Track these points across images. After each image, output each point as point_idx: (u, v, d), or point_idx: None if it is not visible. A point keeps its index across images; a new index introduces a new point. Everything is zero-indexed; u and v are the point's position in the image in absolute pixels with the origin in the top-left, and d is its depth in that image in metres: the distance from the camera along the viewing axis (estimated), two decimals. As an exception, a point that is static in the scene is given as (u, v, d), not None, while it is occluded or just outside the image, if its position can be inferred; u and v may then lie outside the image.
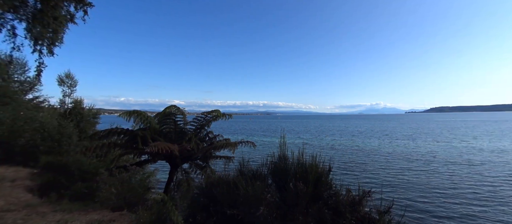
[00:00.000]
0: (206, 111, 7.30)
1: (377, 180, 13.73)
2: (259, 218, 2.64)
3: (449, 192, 11.21)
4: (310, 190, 2.72)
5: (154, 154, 5.55)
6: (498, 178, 13.25)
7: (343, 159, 20.46)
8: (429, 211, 9.23)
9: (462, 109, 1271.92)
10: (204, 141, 7.42)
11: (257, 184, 2.80)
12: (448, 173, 14.84)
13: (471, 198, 10.25)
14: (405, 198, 10.70)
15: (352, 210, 2.55)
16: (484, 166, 16.52)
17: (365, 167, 17.09)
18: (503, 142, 29.70)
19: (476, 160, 18.72)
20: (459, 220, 8.48)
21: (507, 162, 17.70)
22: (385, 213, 2.51)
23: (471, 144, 28.14)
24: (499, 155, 20.84)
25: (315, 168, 3.19)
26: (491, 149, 24.16)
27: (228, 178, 3.70)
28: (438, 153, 22.52)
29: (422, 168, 16.51)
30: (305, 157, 3.43)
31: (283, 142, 3.61)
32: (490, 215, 8.59)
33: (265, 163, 3.72)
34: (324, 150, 24.58)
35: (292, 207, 2.89)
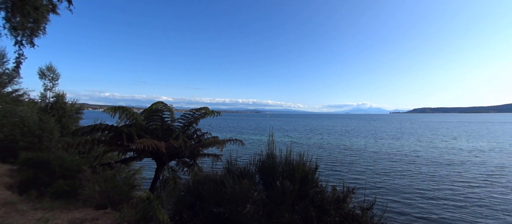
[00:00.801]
0: (194, 108, 7.21)
1: (361, 178, 14.12)
2: (245, 216, 2.65)
3: (430, 191, 11.71)
4: (296, 188, 2.76)
5: (140, 151, 5.43)
6: (476, 178, 13.96)
7: (330, 157, 20.87)
8: (410, 209, 9.62)
9: (442, 110, 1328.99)
10: (192, 139, 7.34)
11: (244, 182, 2.81)
12: (430, 172, 15.48)
13: (450, 197, 10.75)
14: (387, 195, 11.09)
15: (336, 207, 2.62)
16: (463, 166, 17.36)
17: (351, 166, 17.52)
18: (480, 142, 31.33)
19: (456, 159, 19.64)
20: (438, 218, 8.90)
21: (484, 162, 18.69)
22: (368, 209, 2.60)
23: (451, 144, 29.49)
24: (476, 155, 21.96)
25: (302, 166, 3.25)
26: (470, 149, 25.43)
27: (215, 176, 3.69)
28: (420, 152, 23.44)
29: (405, 167, 17.14)
30: (293, 156, 3.49)
31: (271, 140, 3.65)
32: (468, 213, 9.05)
33: (253, 161, 3.74)
34: (311, 149, 24.97)
35: (278, 204, 2.93)
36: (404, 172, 15.39)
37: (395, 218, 8.74)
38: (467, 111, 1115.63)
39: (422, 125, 78.08)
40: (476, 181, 13.23)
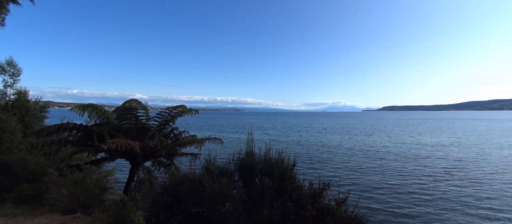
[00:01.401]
0: (171, 106, 7.00)
1: (337, 174, 14.76)
2: (224, 215, 2.65)
3: (399, 184, 12.59)
4: (275, 185, 2.81)
5: (112, 152, 5.15)
6: (439, 171, 15.26)
7: (308, 154, 21.50)
8: (381, 201, 10.29)
9: (409, 108, 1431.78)
10: (169, 138, 7.12)
11: (224, 180, 2.80)
12: (399, 167, 16.63)
13: (418, 191, 11.63)
14: (361, 189, 11.74)
15: (313, 202, 2.72)
16: (428, 159, 18.89)
17: (328, 162, 18.23)
18: (442, 137, 34.30)
19: (421, 154, 21.31)
20: (406, 208, 9.60)
21: (446, 155, 20.53)
22: (342, 203, 2.73)
23: (417, 140, 31.91)
24: (439, 149, 24.02)
25: (281, 163, 3.31)
26: (433, 144, 27.74)
27: (193, 176, 3.62)
28: (390, 148, 25.05)
29: (376, 162, 18.22)
30: (272, 153, 3.54)
31: (250, 138, 3.66)
32: (433, 205, 9.87)
33: (232, 160, 3.73)
34: (290, 146, 25.53)
35: (257, 201, 2.96)
36: (376, 167, 16.34)
37: (367, 210, 9.27)
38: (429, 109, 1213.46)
39: (391, 122, 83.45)
40: (439, 174, 14.46)
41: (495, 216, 8.73)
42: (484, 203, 9.84)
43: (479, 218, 8.59)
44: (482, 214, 8.86)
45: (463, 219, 8.55)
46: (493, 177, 13.83)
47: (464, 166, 16.50)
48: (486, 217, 8.68)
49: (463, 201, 10.14)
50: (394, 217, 8.81)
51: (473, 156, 20.15)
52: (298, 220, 2.61)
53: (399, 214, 9.04)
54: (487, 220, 8.49)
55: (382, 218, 8.72)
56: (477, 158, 19.33)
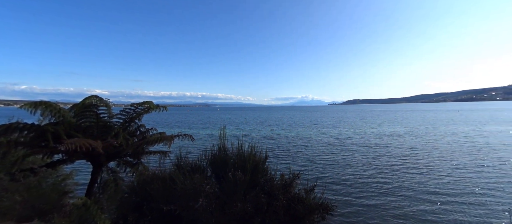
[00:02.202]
0: (136, 103, 6.62)
1: (306, 164, 15.51)
2: (198, 211, 2.65)
3: (362, 172, 13.70)
4: (248, 178, 2.89)
5: (71, 153, 4.72)
6: (396, 159, 16.88)
7: (279, 147, 22.14)
8: (345, 187, 11.13)
9: (369, 101, 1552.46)
10: (135, 136, 6.75)
11: (196, 176, 2.79)
12: (362, 155, 18.06)
13: (378, 178, 12.73)
14: (328, 177, 12.55)
15: (284, 192, 2.86)
16: (386, 149, 20.78)
17: (298, 154, 19.01)
18: (397, 128, 37.96)
19: (381, 144, 23.36)
20: (367, 193, 10.53)
21: (402, 144, 22.81)
22: (310, 191, 2.92)
23: (376, 130, 34.86)
24: (395, 139, 26.57)
25: (253, 157, 3.39)
26: (390, 134, 30.57)
27: (164, 174, 3.53)
28: (353, 138, 27.00)
29: (342, 152, 19.54)
30: (244, 148, 3.61)
31: (223, 134, 3.68)
32: (391, 191, 10.91)
33: (205, 156, 3.71)
34: (262, 140, 25.98)
35: (231, 196, 3.01)
36: (341, 157, 17.52)
37: (333, 196, 9.95)
38: (386, 101, 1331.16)
39: (354, 114, 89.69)
40: (396, 162, 16.01)
41: (442, 198, 10.03)
42: (433, 187, 11.20)
43: (429, 201, 9.77)
44: (432, 197, 10.09)
45: (416, 201, 9.66)
46: (440, 162, 15.78)
47: (416, 153, 18.54)
48: (434, 199, 9.92)
49: (415, 185, 11.41)
50: (357, 202, 9.60)
51: (424, 144, 22.73)
52: (270, 211, 2.73)
53: (362, 197, 9.88)
54: (436, 201, 9.72)
55: (345, 202, 9.44)
56: (427, 145, 21.85)
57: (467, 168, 13.93)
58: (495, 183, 11.46)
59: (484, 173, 13.03)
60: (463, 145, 21.60)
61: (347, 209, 8.96)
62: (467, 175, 12.75)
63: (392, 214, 8.51)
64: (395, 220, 8.16)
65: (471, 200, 9.53)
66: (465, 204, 9.23)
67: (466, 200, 9.52)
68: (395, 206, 9.15)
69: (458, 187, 10.91)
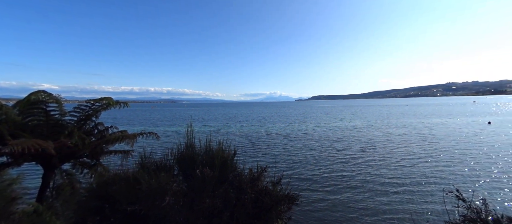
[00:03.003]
0: (93, 99, 6.09)
1: (275, 158, 15.98)
2: (164, 209, 2.58)
3: (327, 164, 14.61)
4: (216, 174, 2.90)
5: (16, 155, 4.17)
6: (357, 150, 18.32)
7: (249, 143, 22.34)
8: (311, 178, 11.76)
9: (332, 97, 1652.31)
10: (92, 135, 6.22)
11: (162, 175, 2.71)
12: (327, 148, 19.24)
13: (341, 168, 13.71)
14: (295, 169, 13.12)
15: (252, 186, 2.93)
16: (349, 141, 22.41)
17: (267, 149, 19.45)
18: (357, 122, 41.12)
19: (344, 136, 25.12)
20: (331, 183, 11.27)
21: (362, 136, 24.79)
22: (277, 183, 3.05)
23: (339, 124, 37.37)
24: (356, 132, 28.76)
25: (222, 153, 3.40)
26: (351, 127, 33.00)
27: (127, 174, 3.35)
28: (319, 133, 28.51)
29: (308, 145, 20.54)
30: (213, 144, 3.59)
31: (190, 130, 3.60)
32: (353, 180, 11.81)
33: (171, 154, 3.60)
34: (231, 137, 25.92)
35: (199, 192, 2.99)
36: (308, 151, 18.39)
37: (299, 187, 10.47)
38: (347, 97, 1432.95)
39: (319, 110, 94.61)
40: (357, 153, 17.36)
41: (398, 187, 11.21)
42: (389, 176, 12.43)
43: (386, 190, 10.84)
44: (388, 187, 11.20)
45: (375, 190, 10.63)
46: (395, 152, 17.57)
47: (375, 145, 20.35)
48: (391, 188, 11.03)
49: (374, 175, 12.52)
50: (322, 192, 10.23)
51: (381, 136, 25.04)
52: (239, 204, 2.79)
53: (326, 187, 10.56)
54: (392, 189, 10.81)
55: (311, 193, 10.00)
56: (383, 137, 24.11)
57: (416, 157, 15.75)
58: (439, 169, 13.22)
59: (430, 160, 14.91)
60: (413, 136, 24.35)
61: (313, 199, 9.51)
62: (416, 163, 14.42)
63: (354, 203, 9.27)
64: (357, 208, 8.91)
65: (420, 186, 10.85)
66: (415, 191, 10.47)
67: (416, 188, 10.75)
68: (357, 195, 9.95)
69: (410, 175, 12.25)
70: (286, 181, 3.36)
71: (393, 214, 8.26)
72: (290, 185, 3.28)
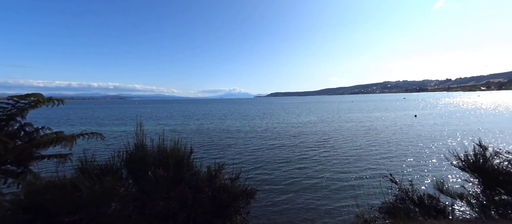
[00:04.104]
0: (17, 95, 5.15)
1: (236, 156, 16.01)
2: (111, 216, 2.34)
3: (284, 157, 15.28)
4: (170, 175, 2.75)
5: None
6: (313, 144, 19.53)
7: (210, 141, 21.84)
8: (269, 173, 12.15)
9: (288, 94, 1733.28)
10: (18, 138, 5.27)
11: (107, 179, 2.44)
12: (286, 142, 20.09)
13: (298, 162, 14.45)
14: (255, 164, 13.38)
15: (209, 184, 2.88)
16: (305, 136, 23.74)
17: (229, 146, 19.34)
18: (312, 117, 43.97)
19: (301, 131, 26.55)
20: (287, 177, 11.81)
21: (318, 131, 26.56)
22: (235, 179, 3.05)
23: (297, 120, 39.46)
24: (312, 126, 30.67)
25: (177, 152, 3.24)
26: (307, 122, 35.13)
27: (63, 181, 2.93)
28: (278, 128, 29.56)
29: (269, 141, 21.11)
30: (167, 143, 3.39)
31: (140, 129, 3.33)
32: (309, 173, 12.53)
33: (118, 156, 3.28)
34: (190, 135, 24.98)
35: (152, 195, 2.80)
36: (268, 147, 18.90)
37: (258, 182, 10.72)
38: (301, 94, 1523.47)
39: (277, 106, 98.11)
40: (314, 146, 18.53)
41: (347, 172, 12.35)
42: (340, 165, 13.62)
43: (340, 179, 11.83)
44: (338, 172, 12.27)
45: (328, 178, 11.54)
46: (344, 144, 19.31)
47: (328, 139, 22.05)
48: (340, 173, 12.10)
49: (330, 166, 13.55)
50: (280, 184, 10.67)
51: (333, 130, 27.25)
52: (195, 204, 2.71)
53: (284, 179, 11.05)
54: (342, 174, 11.88)
55: (270, 186, 10.35)
56: (335, 131, 26.32)
57: (362, 148, 17.62)
58: (380, 157, 15.04)
59: (373, 150, 16.85)
60: (359, 129, 27.17)
61: (272, 192, 9.85)
62: (362, 153, 16.14)
63: (309, 194, 9.90)
64: (312, 198, 9.53)
65: (365, 174, 12.17)
66: (361, 178, 11.70)
67: (362, 175, 12.02)
68: (313, 186, 10.63)
69: (357, 164, 13.64)
70: (246, 177, 3.39)
71: (342, 201, 9.12)
72: (251, 180, 3.33)
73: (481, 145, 4.56)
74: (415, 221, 3.66)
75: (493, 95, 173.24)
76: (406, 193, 4.34)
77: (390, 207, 4.14)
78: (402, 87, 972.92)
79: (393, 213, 4.02)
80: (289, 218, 7.83)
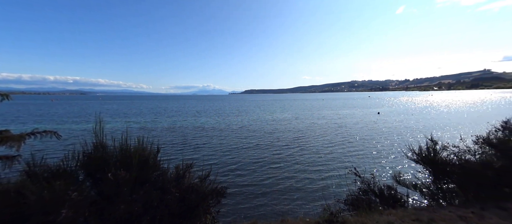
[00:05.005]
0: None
1: (209, 153, 15.72)
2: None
3: (259, 155, 15.39)
4: (133, 176, 2.58)
5: None
6: (289, 141, 19.89)
7: (183, 139, 21.02)
8: (240, 170, 12.14)
9: (263, 91, 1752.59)
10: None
11: (57, 184, 2.20)
12: (261, 139, 20.24)
13: (271, 159, 14.64)
14: (229, 164, 13.25)
15: (177, 184, 2.76)
16: (279, 133, 24.14)
17: (202, 144, 18.87)
18: (286, 114, 44.94)
19: (276, 128, 26.96)
20: (262, 173, 11.92)
21: (292, 128, 27.19)
22: (205, 179, 2.97)
23: (272, 117, 40.11)
24: (286, 123, 31.30)
25: (142, 151, 3.06)
26: (282, 119, 35.84)
27: (7, 186, 2.58)
28: (253, 125, 29.68)
29: (245, 139, 21.08)
30: (131, 142, 3.18)
31: (99, 127, 3.07)
32: (283, 170, 12.74)
33: (74, 157, 2.99)
34: (162, 133, 23.87)
35: (113, 198, 2.60)
36: (244, 144, 18.85)
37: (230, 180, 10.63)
38: (276, 92, 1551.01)
39: (252, 103, 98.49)
40: (289, 143, 18.85)
41: (319, 167, 12.83)
42: (312, 161, 14.09)
43: (309, 170, 12.26)
44: (310, 168, 12.69)
45: (301, 173, 11.87)
46: (318, 140, 20.05)
47: (302, 134, 22.75)
48: (312, 169, 12.53)
49: (301, 162, 13.95)
50: (255, 181, 10.72)
51: (306, 126, 28.19)
52: (161, 206, 2.58)
53: (258, 175, 11.13)
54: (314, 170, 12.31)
55: (243, 184, 10.34)
56: (309, 127, 27.24)
57: (334, 144, 18.44)
58: (348, 152, 15.91)
59: (342, 146, 17.76)
60: (330, 126, 28.44)
61: (245, 189, 9.85)
62: (333, 148, 16.92)
63: (281, 189, 10.09)
64: (285, 193, 9.74)
65: (334, 167, 12.78)
66: (331, 172, 12.25)
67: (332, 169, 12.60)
68: (286, 182, 10.84)
69: (328, 159, 14.26)
70: (221, 175, 3.32)
71: (313, 195, 9.47)
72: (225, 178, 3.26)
73: (432, 140, 5.06)
74: (375, 211, 3.94)
75: (443, 94, 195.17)
76: (368, 185, 4.65)
77: (354, 199, 4.41)
78: (368, 86, 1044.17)
79: (357, 204, 4.29)
80: (261, 215, 7.92)
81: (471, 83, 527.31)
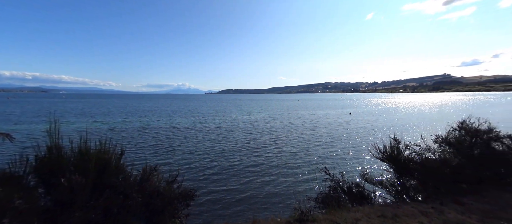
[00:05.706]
0: None
1: (182, 155, 15.22)
2: (6, 237, 1.89)
3: (235, 155, 15.29)
4: (90, 181, 2.39)
5: None
6: (267, 141, 19.95)
7: (157, 140, 20.02)
8: (216, 171, 11.94)
9: (240, 91, 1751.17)
10: None
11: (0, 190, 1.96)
12: (239, 140, 20.09)
13: (247, 160, 14.59)
14: (205, 166, 12.93)
15: (140, 189, 2.62)
16: (256, 134, 24.15)
17: (177, 145, 18.19)
18: (263, 114, 45.26)
19: (252, 128, 26.98)
20: (238, 175, 11.82)
21: (271, 128, 27.44)
22: (172, 182, 2.86)
23: (249, 117, 40.01)
24: (265, 124, 31.46)
25: (103, 154, 2.86)
26: (259, 119, 35.97)
27: None
28: (230, 126, 29.38)
29: (221, 140, 20.74)
30: (91, 144, 2.95)
31: (54, 128, 2.81)
32: (261, 171, 12.76)
33: (24, 160, 2.70)
34: (132, 134, 22.61)
35: (68, 206, 2.39)
36: (220, 145, 18.52)
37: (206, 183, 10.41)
38: (252, 92, 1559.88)
39: (229, 103, 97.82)
40: (268, 144, 18.89)
41: (294, 167, 13.05)
42: (288, 161, 14.29)
43: (285, 171, 12.41)
44: (286, 169, 12.86)
45: (277, 174, 11.98)
46: (294, 140, 20.36)
47: (280, 134, 23.03)
48: (288, 169, 12.71)
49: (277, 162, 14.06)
50: (229, 182, 10.60)
51: (283, 127, 28.54)
52: (123, 212, 2.42)
53: (234, 177, 11.02)
54: (290, 170, 12.50)
55: (217, 186, 10.18)
56: (286, 127, 27.72)
57: (309, 144, 18.89)
58: (323, 152, 16.44)
59: (317, 146, 18.30)
60: (306, 126, 29.18)
61: (220, 192, 9.70)
62: (309, 148, 17.35)
63: (256, 191, 10.10)
64: (259, 195, 9.75)
65: (308, 168, 13.11)
66: (305, 171, 12.54)
67: (306, 169, 12.90)
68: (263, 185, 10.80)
69: (304, 159, 14.55)
70: (196, 177, 3.20)
71: (286, 195, 9.62)
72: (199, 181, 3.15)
73: (395, 139, 5.42)
74: (344, 208, 4.11)
75: (409, 96, 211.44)
76: (338, 183, 4.86)
77: (324, 197, 4.56)
78: (340, 88, 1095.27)
79: (327, 202, 4.44)
80: (233, 217, 7.85)
81: (433, 86, 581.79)
